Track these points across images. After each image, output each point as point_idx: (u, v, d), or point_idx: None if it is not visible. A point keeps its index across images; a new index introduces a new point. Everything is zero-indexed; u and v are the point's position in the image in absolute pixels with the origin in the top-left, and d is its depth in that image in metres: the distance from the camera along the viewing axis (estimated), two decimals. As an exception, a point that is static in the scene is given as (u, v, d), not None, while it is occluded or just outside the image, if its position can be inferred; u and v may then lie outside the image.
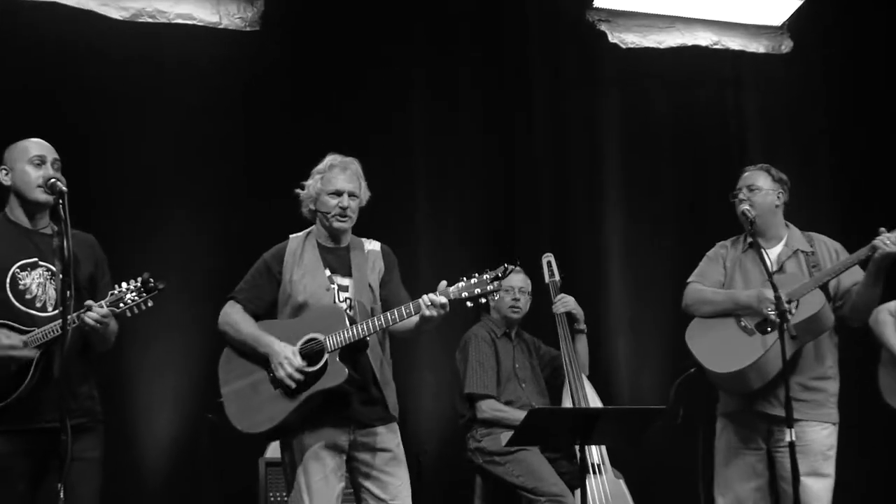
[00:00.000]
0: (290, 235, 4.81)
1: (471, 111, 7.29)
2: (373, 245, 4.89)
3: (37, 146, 4.25)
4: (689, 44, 7.69)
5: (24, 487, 4.13)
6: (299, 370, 4.41)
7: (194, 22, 6.87)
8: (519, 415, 5.43)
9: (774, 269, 5.08)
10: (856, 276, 4.97)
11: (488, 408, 5.55)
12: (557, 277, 5.89)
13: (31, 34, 6.53)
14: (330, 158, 4.79)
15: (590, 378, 5.79)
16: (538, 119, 7.45)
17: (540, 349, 5.95)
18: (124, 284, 4.09)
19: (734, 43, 7.76)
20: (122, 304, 4.06)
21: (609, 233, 7.49)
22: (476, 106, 7.31)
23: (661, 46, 7.64)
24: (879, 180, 7.63)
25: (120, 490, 5.99)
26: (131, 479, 6.37)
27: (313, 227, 4.81)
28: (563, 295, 5.81)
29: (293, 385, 4.42)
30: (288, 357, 4.44)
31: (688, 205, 6.05)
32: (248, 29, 6.92)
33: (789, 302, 4.82)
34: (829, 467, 4.97)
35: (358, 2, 7.11)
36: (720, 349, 5.04)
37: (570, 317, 5.80)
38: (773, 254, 5.20)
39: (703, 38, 7.71)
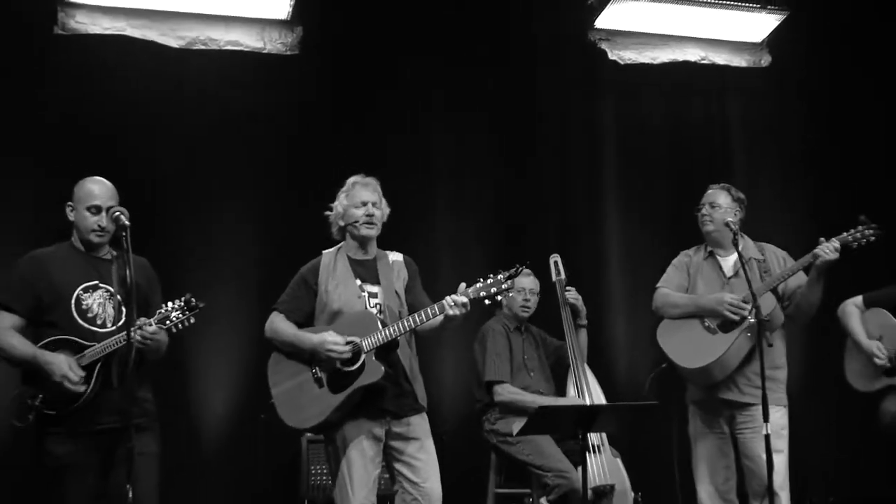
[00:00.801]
0: (323, 251, 4.80)
1: (483, 125, 7.24)
2: (396, 256, 4.87)
3: (97, 193, 4.27)
4: (680, 59, 7.60)
5: (93, 480, 4.17)
6: (347, 351, 4.41)
7: (241, 48, 6.84)
8: (530, 397, 5.52)
9: (730, 274, 5.21)
10: (800, 279, 5.07)
11: (505, 391, 5.54)
12: (563, 276, 5.85)
13: (100, 64, 6.54)
14: (352, 179, 4.80)
15: (590, 364, 5.74)
16: (544, 131, 7.40)
17: (546, 340, 5.93)
18: (170, 304, 4.16)
19: (719, 58, 7.66)
20: (168, 322, 4.13)
21: (609, 234, 7.45)
22: (488, 120, 7.25)
23: (656, 62, 7.56)
24: (849, 182, 7.59)
25: (181, 461, 6.09)
26: (190, 453, 6.43)
27: (343, 242, 4.80)
28: (571, 288, 5.77)
29: (349, 356, 4.42)
30: (332, 340, 4.44)
31: (679, 206, 5.97)
32: (288, 53, 6.90)
33: (746, 303, 4.93)
34: (784, 444, 5.02)
35: (383, 24, 7.04)
36: (688, 347, 5.09)
37: (573, 312, 5.75)
38: (729, 261, 5.29)
39: (692, 54, 7.61)
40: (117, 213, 4.09)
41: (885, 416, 5.45)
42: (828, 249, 4.83)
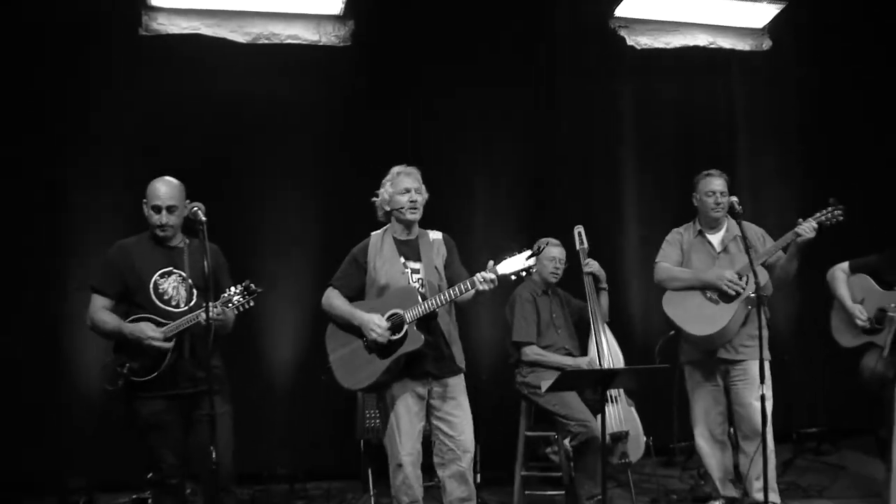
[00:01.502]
0: (371, 233, 4.79)
1: (515, 110, 7.07)
2: (436, 235, 4.84)
3: (159, 194, 4.28)
4: (691, 44, 7.39)
5: (176, 436, 4.29)
6: (386, 335, 4.44)
7: (300, 41, 6.76)
8: (554, 357, 5.52)
9: (719, 250, 5.28)
10: (778, 254, 5.14)
11: (531, 352, 5.51)
12: (586, 245, 5.74)
13: (179, 59, 6.51)
14: (395, 169, 4.76)
15: (610, 324, 5.66)
16: (570, 111, 7.20)
17: (570, 302, 5.86)
18: (232, 289, 4.18)
19: (726, 42, 7.47)
20: (230, 305, 4.16)
21: (626, 206, 7.30)
22: (520, 105, 7.08)
23: (669, 46, 7.36)
24: (838, 160, 7.43)
25: (253, 398, 6.22)
26: (263, 401, 6.52)
27: (388, 225, 4.77)
28: (590, 259, 5.65)
29: (385, 342, 4.45)
30: (376, 323, 4.48)
31: (687, 180, 5.86)
32: (341, 44, 6.80)
33: (741, 276, 5.03)
34: (769, 391, 4.98)
35: (422, 14, 6.87)
36: (695, 316, 5.15)
37: (595, 277, 5.67)
38: (717, 238, 5.35)
39: (702, 39, 7.42)
40: (195, 209, 4.10)
41: (865, 371, 5.45)
42: (808, 229, 4.95)
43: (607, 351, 5.47)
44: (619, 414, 5.36)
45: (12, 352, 6.06)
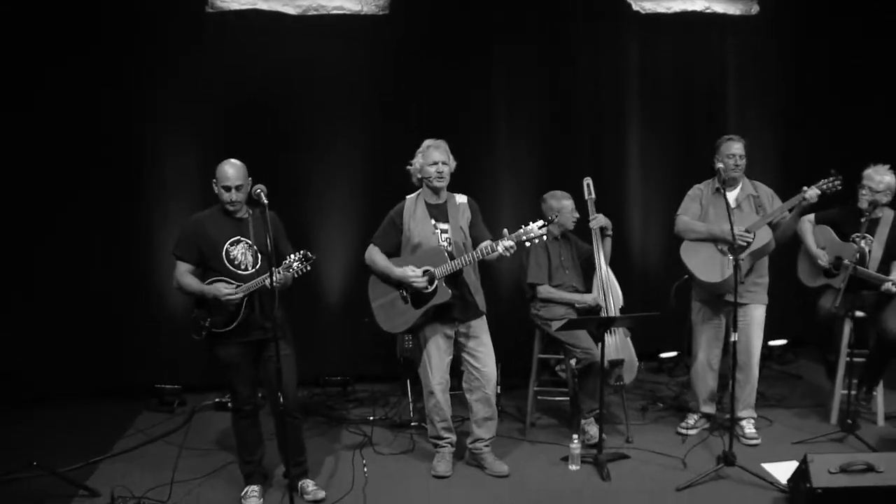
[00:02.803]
0: (406, 197, 4.86)
1: (535, 77, 6.87)
2: (462, 198, 4.90)
3: (228, 176, 4.31)
4: (689, 9, 7.14)
5: (248, 372, 4.50)
6: (424, 281, 4.59)
7: (344, 11, 6.62)
8: (563, 294, 5.55)
9: (734, 206, 5.19)
10: (784, 213, 5.14)
11: (544, 291, 5.56)
12: (594, 195, 5.66)
13: (237, 33, 6.43)
14: (426, 142, 4.80)
15: (611, 265, 5.65)
16: (581, 71, 6.99)
17: (579, 245, 5.83)
18: (292, 256, 4.22)
19: (719, 7, 7.21)
20: (290, 270, 4.21)
21: (630, 159, 7.14)
22: (540, 71, 6.88)
23: (670, 11, 7.12)
24: (820, 116, 7.31)
25: (313, 322, 6.40)
26: (321, 317, 6.67)
27: (420, 189, 4.85)
28: (597, 214, 5.58)
29: (423, 286, 4.59)
30: (414, 274, 4.61)
31: (684, 134, 5.69)
32: (381, 13, 6.63)
33: (748, 233, 5.03)
34: (762, 331, 5.28)
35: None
36: (707, 264, 5.18)
37: (601, 228, 5.62)
38: (732, 195, 5.26)
39: (699, 4, 7.16)
40: (258, 192, 4.11)
41: (821, 310, 5.59)
42: (813, 195, 4.95)
43: (608, 288, 5.52)
44: (617, 343, 5.43)
45: (112, 280, 6.30)
